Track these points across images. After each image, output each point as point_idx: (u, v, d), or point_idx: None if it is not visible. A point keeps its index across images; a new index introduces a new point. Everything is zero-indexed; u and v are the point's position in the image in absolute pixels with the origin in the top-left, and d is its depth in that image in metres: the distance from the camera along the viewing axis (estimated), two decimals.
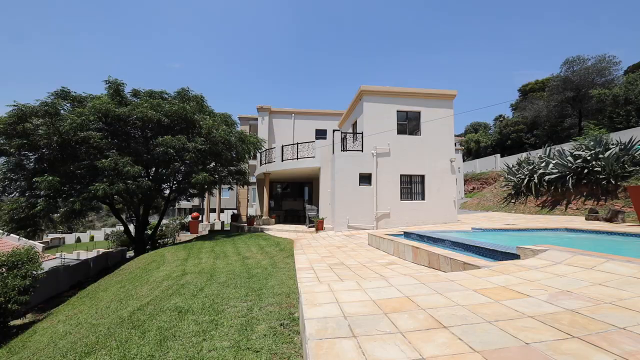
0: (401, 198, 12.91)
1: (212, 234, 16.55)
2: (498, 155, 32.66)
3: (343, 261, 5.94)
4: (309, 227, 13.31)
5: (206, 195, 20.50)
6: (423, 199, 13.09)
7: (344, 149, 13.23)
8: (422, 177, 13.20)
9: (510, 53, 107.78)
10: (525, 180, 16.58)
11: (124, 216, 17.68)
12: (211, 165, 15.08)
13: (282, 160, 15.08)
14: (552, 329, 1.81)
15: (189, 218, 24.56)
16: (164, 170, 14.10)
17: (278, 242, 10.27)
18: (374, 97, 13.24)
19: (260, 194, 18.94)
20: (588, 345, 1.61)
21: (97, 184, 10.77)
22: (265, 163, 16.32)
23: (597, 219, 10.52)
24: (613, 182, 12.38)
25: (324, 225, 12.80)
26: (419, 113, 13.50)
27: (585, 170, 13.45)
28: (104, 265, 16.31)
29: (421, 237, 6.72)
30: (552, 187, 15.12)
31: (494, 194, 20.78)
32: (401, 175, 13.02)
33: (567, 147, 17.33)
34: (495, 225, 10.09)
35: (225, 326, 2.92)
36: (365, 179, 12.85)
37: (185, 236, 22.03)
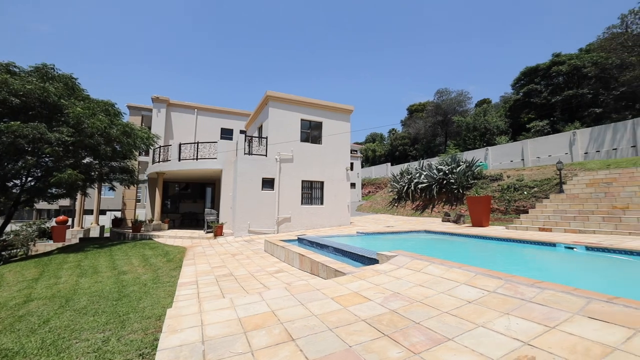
0: (302, 203, 13.54)
1: (84, 243, 13.74)
2: (389, 164, 37.76)
3: (233, 271, 5.89)
4: (207, 232, 12.57)
5: (79, 195, 16.86)
6: (322, 203, 14.06)
7: (249, 152, 13.04)
8: (322, 183, 14.17)
9: (403, 77, 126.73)
10: (405, 188, 19.70)
11: None
12: (86, 161, 12.52)
13: (180, 160, 13.79)
14: (373, 330, 2.28)
15: (53, 222, 19.67)
16: (10, 165, 10.99)
17: (167, 251, 9.34)
18: (279, 103, 13.50)
19: (151, 195, 16.78)
20: (391, 341, 2.11)
21: None
22: (159, 161, 14.59)
23: (449, 221, 13.37)
24: (461, 191, 15.95)
25: (224, 231, 12.33)
26: (321, 123, 14.45)
27: (445, 181, 16.91)
28: None
29: (311, 243, 7.24)
30: (424, 194, 18.44)
31: (383, 198, 23.92)
32: (302, 181, 13.67)
33: (434, 161, 21.40)
34: (378, 228, 11.71)
35: None
36: (268, 183, 12.96)
37: (45, 246, 17.54)
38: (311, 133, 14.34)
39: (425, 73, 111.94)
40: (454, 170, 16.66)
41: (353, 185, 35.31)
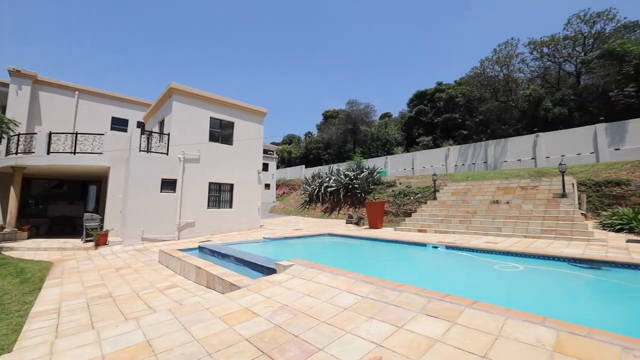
0: (209, 206, 12.74)
1: None
2: (303, 166, 38.94)
3: (113, 291, 5.13)
4: (86, 241, 10.55)
5: None
6: (231, 207, 13.52)
7: (147, 149, 11.53)
8: (232, 185, 13.63)
9: (321, 84, 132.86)
10: (316, 190, 20.67)
11: None
12: None
13: (49, 153, 11.17)
14: (253, 350, 2.37)
15: None
16: None
17: (23, 268, 7.48)
18: (186, 98, 12.38)
19: (3, 195, 13.04)
20: (267, 358, 2.23)
21: None
22: (17, 153, 11.49)
23: (351, 222, 14.66)
24: (364, 195, 17.69)
25: (110, 239, 10.59)
26: (232, 123, 13.89)
27: (350, 186, 18.47)
28: None
29: (213, 252, 6.91)
30: (332, 197, 19.70)
31: (295, 199, 24.52)
32: (210, 183, 12.87)
33: (342, 167, 23.15)
34: (287, 231, 11.97)
35: None
36: (169, 184, 11.73)
37: None
38: (222, 133, 13.64)
39: (342, 83, 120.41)
40: (358, 176, 18.37)
41: (267, 186, 35.06)
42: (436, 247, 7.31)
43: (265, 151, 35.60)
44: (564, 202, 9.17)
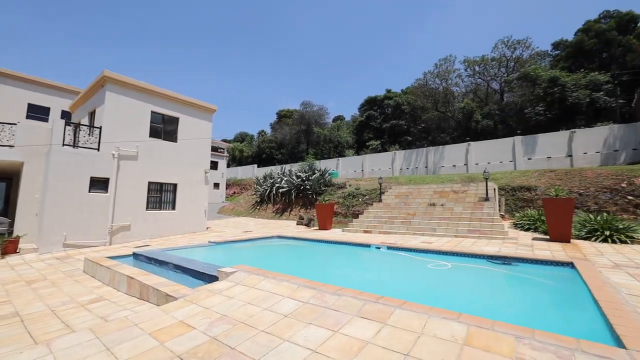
0: (148, 208, 11.74)
1: None
2: (255, 166, 38.06)
3: (22, 309, 4.45)
4: None
5: None
6: (174, 208, 12.64)
7: (74, 143, 10.20)
8: (175, 185, 12.75)
9: (276, 83, 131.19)
10: (268, 191, 20.38)
11: None
12: None
13: None
14: None
15: None
16: None
17: None
18: (122, 89, 11.24)
19: None
20: None
21: None
22: None
23: (302, 224, 14.77)
24: (315, 196, 17.94)
25: (22, 246, 9.15)
26: (177, 119, 13.01)
27: (302, 187, 18.58)
28: None
29: (149, 260, 6.40)
30: (284, 198, 19.60)
31: (246, 200, 23.86)
32: (150, 183, 11.87)
33: (295, 167, 23.20)
34: (235, 234, 11.59)
35: None
36: (99, 184, 10.54)
37: None
38: (165, 128, 12.67)
39: (296, 83, 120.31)
40: (310, 178, 18.58)
41: (217, 185, 33.51)
42: (379, 248, 7.76)
43: (215, 148, 33.98)
44: (487, 205, 10.44)
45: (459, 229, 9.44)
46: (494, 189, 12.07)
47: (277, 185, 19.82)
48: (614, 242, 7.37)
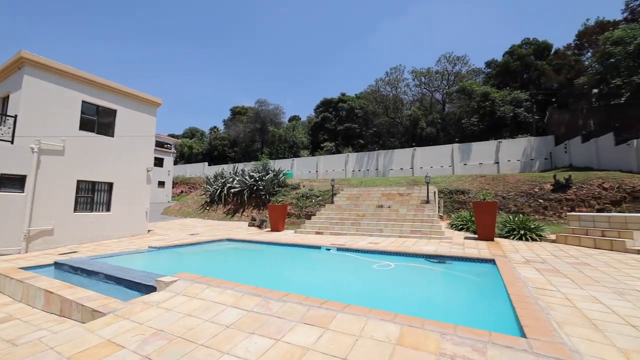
0: (76, 209, 10.44)
1: None
2: (206, 164, 36.18)
3: None
4: None
5: None
6: (108, 210, 11.42)
7: None
8: (111, 185, 11.53)
9: (231, 79, 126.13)
10: (219, 191, 19.54)
11: None
12: None
13: None
14: None
15: None
16: None
17: None
18: (45, 73, 9.83)
19: None
20: None
21: None
22: None
23: (254, 225, 14.45)
24: (268, 197, 17.68)
25: None
26: (115, 111, 11.77)
27: (255, 187, 18.18)
28: None
29: (75, 269, 5.70)
30: (235, 198, 18.98)
31: (195, 200, 22.56)
32: (79, 181, 10.57)
33: (248, 167, 22.61)
34: (180, 237, 10.87)
35: None
36: (14, 182, 9.09)
37: None
38: (99, 121, 11.37)
39: (252, 81, 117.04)
40: (264, 178, 18.26)
41: (162, 184, 31.10)
42: (329, 250, 7.96)
43: (160, 144, 31.53)
44: (428, 207, 11.36)
45: (403, 229, 10.12)
46: (434, 192, 13.17)
47: (228, 185, 19.10)
48: (527, 240, 8.58)
